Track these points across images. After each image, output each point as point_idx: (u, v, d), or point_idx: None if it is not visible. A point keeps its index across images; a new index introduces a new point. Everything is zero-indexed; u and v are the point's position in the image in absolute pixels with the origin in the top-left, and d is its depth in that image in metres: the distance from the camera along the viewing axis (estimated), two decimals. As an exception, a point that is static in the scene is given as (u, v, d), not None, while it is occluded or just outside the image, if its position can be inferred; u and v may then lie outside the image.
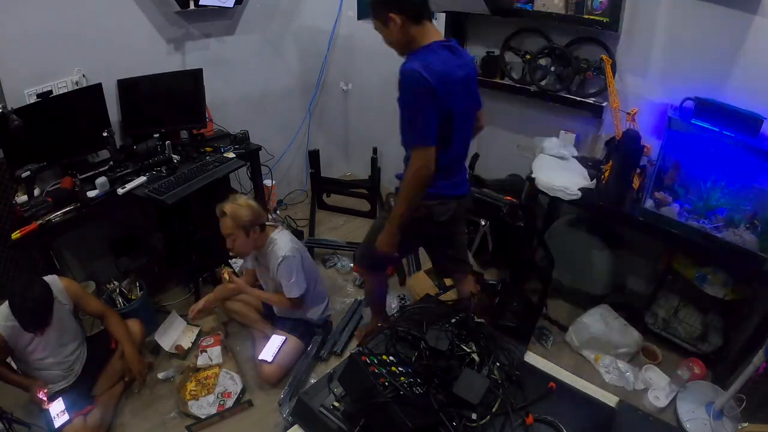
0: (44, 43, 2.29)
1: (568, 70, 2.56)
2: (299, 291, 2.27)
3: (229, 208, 2.16)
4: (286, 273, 2.24)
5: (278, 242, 2.28)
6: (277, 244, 2.28)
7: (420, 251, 3.28)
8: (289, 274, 2.25)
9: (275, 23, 3.30)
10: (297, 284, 2.26)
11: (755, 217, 2.05)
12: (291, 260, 2.24)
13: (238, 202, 2.18)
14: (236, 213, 2.15)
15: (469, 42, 3.03)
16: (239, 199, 2.22)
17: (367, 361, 1.46)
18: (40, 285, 1.89)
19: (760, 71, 2.11)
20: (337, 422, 1.51)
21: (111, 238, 2.85)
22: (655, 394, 2.23)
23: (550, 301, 2.77)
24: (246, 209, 2.16)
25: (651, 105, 2.45)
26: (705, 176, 2.18)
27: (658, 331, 2.50)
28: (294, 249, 2.28)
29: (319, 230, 3.56)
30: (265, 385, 2.32)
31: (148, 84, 2.63)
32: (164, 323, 2.57)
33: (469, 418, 1.46)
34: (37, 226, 2.10)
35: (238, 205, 2.17)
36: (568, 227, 2.75)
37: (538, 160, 2.58)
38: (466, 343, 1.70)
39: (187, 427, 2.10)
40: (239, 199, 2.22)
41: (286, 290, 2.28)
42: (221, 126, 3.06)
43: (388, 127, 3.76)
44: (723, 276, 2.18)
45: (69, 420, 1.93)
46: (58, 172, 2.42)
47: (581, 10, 2.39)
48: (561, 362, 2.36)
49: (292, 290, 2.26)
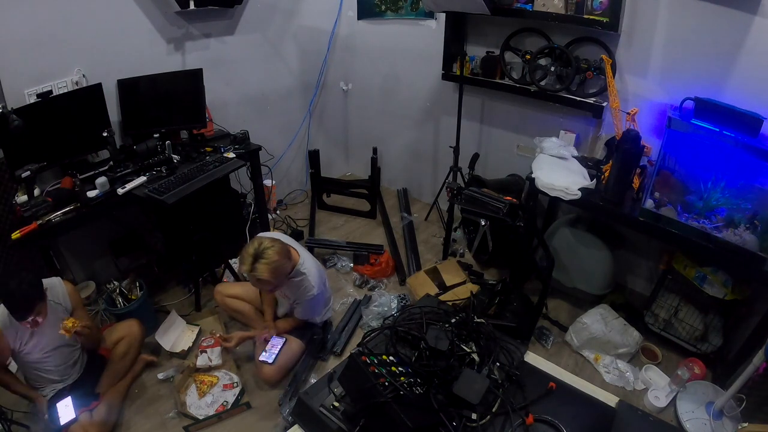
0: (44, 43, 2.30)
1: (568, 70, 2.56)
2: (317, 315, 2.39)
3: (267, 269, 1.96)
4: (311, 307, 2.32)
5: (309, 277, 2.20)
6: (308, 279, 2.20)
7: (420, 251, 3.28)
8: (313, 309, 2.34)
9: (275, 23, 3.30)
10: (315, 311, 2.37)
11: (755, 217, 2.05)
12: (320, 297, 2.30)
13: (269, 257, 1.97)
14: (278, 269, 1.99)
15: (469, 42, 3.03)
16: (267, 252, 1.98)
17: (367, 361, 1.46)
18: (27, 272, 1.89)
19: (759, 71, 2.11)
20: (337, 422, 1.51)
21: (111, 238, 2.85)
22: (655, 394, 2.24)
23: (550, 301, 2.77)
24: (282, 258, 2.01)
25: (651, 105, 2.45)
26: (705, 176, 2.18)
27: (658, 331, 2.50)
28: (321, 285, 2.28)
29: (319, 230, 3.56)
30: (265, 385, 2.33)
31: (148, 84, 2.63)
32: (164, 323, 2.57)
33: (469, 418, 1.46)
34: (37, 226, 2.10)
35: (272, 259, 1.97)
36: (568, 227, 2.75)
37: (538, 160, 2.58)
38: (466, 343, 1.70)
39: (184, 427, 2.10)
40: (267, 252, 1.98)
41: (302, 315, 2.36)
42: (221, 126, 3.06)
43: (388, 127, 3.81)
44: (723, 276, 2.18)
45: (75, 418, 1.95)
46: (58, 172, 2.43)
47: (581, 10, 2.40)
48: (561, 362, 2.38)
49: (307, 316, 2.37)
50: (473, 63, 2.97)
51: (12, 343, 1.92)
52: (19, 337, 1.93)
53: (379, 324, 2.51)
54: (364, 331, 2.54)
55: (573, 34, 2.56)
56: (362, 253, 3.13)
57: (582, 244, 2.68)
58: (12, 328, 1.90)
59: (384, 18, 3.39)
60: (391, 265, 3.10)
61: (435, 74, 3.19)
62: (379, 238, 3.45)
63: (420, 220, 3.65)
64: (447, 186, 2.81)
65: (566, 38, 2.59)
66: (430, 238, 3.47)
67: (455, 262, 2.97)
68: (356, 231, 3.56)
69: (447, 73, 3.11)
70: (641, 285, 2.91)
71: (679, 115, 2.22)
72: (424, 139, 3.63)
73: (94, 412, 2.05)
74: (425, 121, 3.57)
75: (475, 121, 3.24)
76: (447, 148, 3.23)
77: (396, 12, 3.31)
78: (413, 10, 3.22)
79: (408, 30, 3.32)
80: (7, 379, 2.01)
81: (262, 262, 1.98)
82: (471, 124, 3.24)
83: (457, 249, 3.25)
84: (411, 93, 3.53)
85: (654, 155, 2.42)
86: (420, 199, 3.95)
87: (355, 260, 3.14)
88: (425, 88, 3.41)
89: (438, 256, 3.22)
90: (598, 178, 2.41)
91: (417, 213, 3.72)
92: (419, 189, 3.95)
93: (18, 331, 1.92)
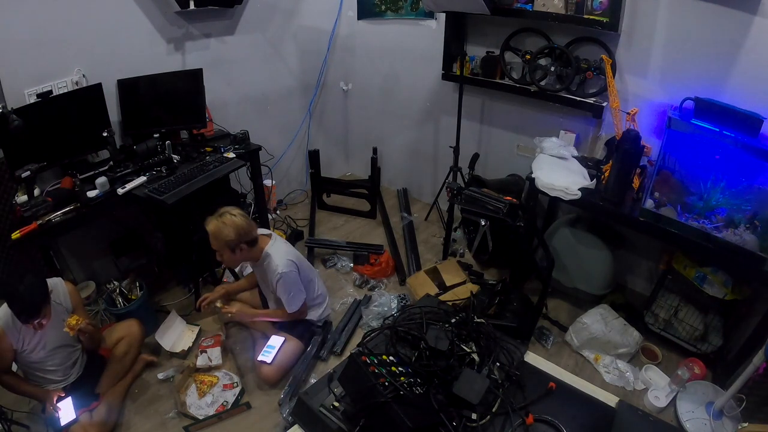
0: (44, 43, 2.30)
1: (568, 70, 2.56)
2: (298, 304, 2.31)
3: (213, 226, 2.09)
4: (284, 289, 2.26)
5: (273, 258, 2.24)
6: (272, 259, 2.24)
7: (420, 251, 3.28)
8: (287, 290, 2.26)
9: (275, 23, 3.30)
10: (296, 298, 2.29)
11: (755, 217, 2.05)
12: (287, 276, 2.23)
13: (222, 220, 2.10)
14: (219, 231, 2.08)
15: (469, 42, 3.03)
16: (225, 216, 2.12)
17: (367, 361, 1.46)
18: (34, 275, 1.89)
19: (759, 71, 2.11)
20: (337, 422, 1.51)
21: (111, 238, 2.85)
22: (655, 394, 2.23)
23: (550, 301, 2.77)
24: (230, 228, 2.08)
25: (651, 105, 2.45)
26: (705, 176, 2.18)
27: (658, 331, 2.50)
28: (289, 263, 2.25)
29: (319, 230, 3.56)
30: (264, 385, 2.33)
31: (148, 84, 2.63)
32: (164, 323, 2.57)
33: (469, 418, 1.46)
34: (36, 226, 2.10)
35: (222, 222, 2.09)
36: (568, 227, 2.75)
37: (538, 160, 2.58)
38: (466, 343, 1.70)
39: (184, 427, 2.10)
40: (225, 216, 2.12)
41: (286, 305, 2.30)
42: (221, 126, 3.06)
43: (388, 127, 3.81)
44: (723, 276, 2.18)
45: (75, 418, 1.95)
46: (58, 172, 2.43)
47: (581, 10, 2.40)
48: (561, 362, 2.38)
49: (291, 304, 2.30)
50: (473, 63, 2.97)
51: (15, 344, 1.92)
52: (21, 337, 1.92)
53: (379, 324, 2.51)
54: (364, 331, 2.54)
55: (573, 34, 2.56)
56: (362, 253, 3.13)
57: (582, 244, 2.68)
58: (15, 329, 1.90)
59: (384, 18, 3.39)
60: (391, 265, 3.10)
61: (435, 74, 3.19)
62: (379, 238, 3.45)
63: (420, 220, 3.65)
64: (447, 186, 2.80)
65: (566, 38, 2.59)
66: (430, 238, 3.47)
67: (455, 262, 2.97)
68: (356, 231, 3.56)
69: (447, 73, 3.11)
70: (641, 285, 2.91)
71: (679, 115, 2.22)
72: (424, 139, 3.63)
73: (94, 412, 2.05)
74: (425, 121, 3.57)
75: (475, 121, 3.24)
76: (447, 148, 3.23)
77: (396, 12, 3.31)
78: (413, 10, 3.22)
79: (408, 30, 3.32)
80: (12, 380, 2.00)
81: (219, 219, 2.10)
82: (471, 124, 3.24)
83: (457, 249, 3.25)
84: (411, 93, 3.53)
85: (654, 155, 2.42)
86: (420, 199, 3.95)
87: (355, 260, 3.14)
88: (425, 88, 3.41)
89: (438, 256, 3.22)
90: (598, 178, 2.41)
91: (417, 213, 3.72)
92: (419, 189, 3.95)
93: (21, 332, 1.92)
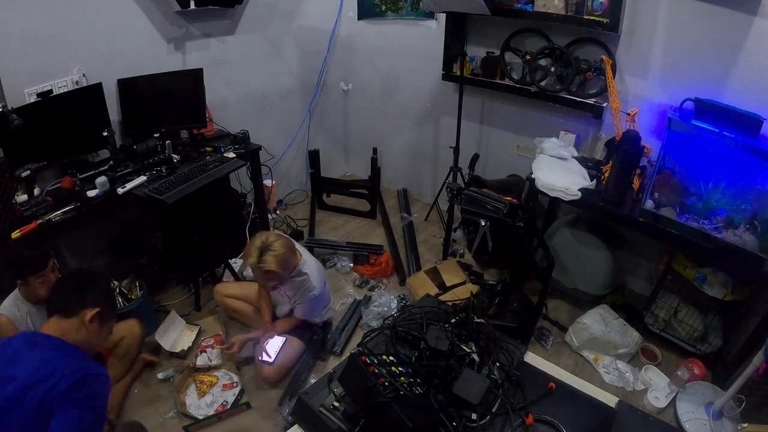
0: (44, 43, 2.29)
1: (569, 70, 2.57)
2: (315, 316, 2.39)
3: (274, 262, 1.97)
4: (312, 307, 2.32)
5: (311, 279, 2.22)
6: (309, 280, 2.21)
7: (420, 251, 3.28)
8: (315, 308, 2.33)
9: (275, 23, 3.30)
10: (316, 311, 2.36)
11: (755, 217, 2.05)
12: (321, 298, 2.30)
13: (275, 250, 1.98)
14: (285, 262, 2.01)
15: (469, 42, 3.03)
16: (274, 244, 2.00)
17: (367, 361, 1.46)
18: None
19: (759, 72, 2.11)
20: (337, 422, 1.50)
21: (111, 237, 2.85)
22: (655, 395, 2.24)
23: (550, 301, 2.77)
24: (288, 251, 2.02)
25: (651, 106, 2.45)
26: (705, 177, 2.18)
27: (658, 331, 2.50)
28: (321, 284, 2.29)
29: (319, 230, 3.56)
30: (264, 385, 2.32)
31: (148, 84, 2.63)
32: (164, 323, 2.56)
33: (469, 418, 1.46)
34: (36, 225, 2.10)
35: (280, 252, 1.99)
36: (568, 227, 2.75)
37: (538, 160, 2.58)
38: (466, 344, 1.70)
39: (184, 427, 2.10)
40: (274, 244, 2.00)
41: (303, 315, 2.34)
42: (221, 126, 3.06)
43: (388, 127, 3.81)
44: (723, 276, 2.19)
45: None
46: (58, 171, 2.42)
47: (581, 10, 2.40)
48: (561, 362, 2.38)
49: (309, 316, 2.36)
50: (473, 63, 2.97)
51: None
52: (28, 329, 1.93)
53: (379, 324, 2.51)
54: (364, 331, 2.54)
55: (573, 35, 2.56)
56: (362, 253, 3.13)
57: (582, 245, 2.68)
58: (21, 319, 1.91)
59: (384, 18, 3.39)
60: (391, 265, 3.10)
61: (435, 74, 3.19)
62: (379, 238, 3.45)
63: (420, 220, 3.66)
64: (447, 186, 2.81)
65: (566, 39, 2.59)
66: (430, 238, 3.47)
67: (455, 263, 2.97)
68: (356, 231, 3.56)
69: (447, 73, 3.11)
70: (641, 285, 2.91)
71: (679, 116, 2.22)
72: (425, 139, 3.63)
73: None
74: (425, 122, 3.57)
75: (475, 122, 3.25)
76: (447, 148, 3.23)
77: (396, 12, 3.32)
78: (413, 10, 3.23)
79: (408, 30, 3.32)
80: None
81: (270, 254, 2.00)
82: (471, 124, 3.25)
83: (457, 249, 3.25)
84: (411, 93, 3.53)
85: (654, 156, 2.42)
86: (420, 200, 3.95)
87: (355, 260, 3.14)
88: (425, 88, 3.41)
89: (438, 257, 3.22)
90: (598, 179, 2.41)
91: (417, 213, 3.72)
92: (419, 189, 3.96)
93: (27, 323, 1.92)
